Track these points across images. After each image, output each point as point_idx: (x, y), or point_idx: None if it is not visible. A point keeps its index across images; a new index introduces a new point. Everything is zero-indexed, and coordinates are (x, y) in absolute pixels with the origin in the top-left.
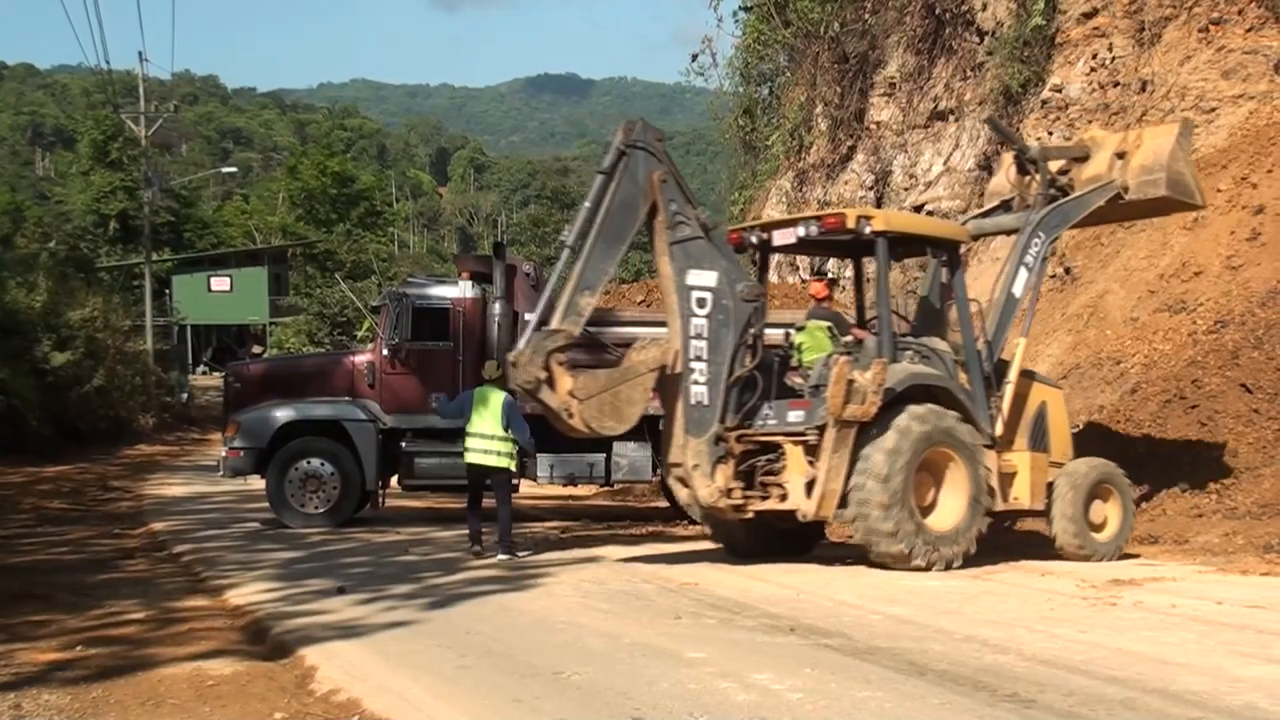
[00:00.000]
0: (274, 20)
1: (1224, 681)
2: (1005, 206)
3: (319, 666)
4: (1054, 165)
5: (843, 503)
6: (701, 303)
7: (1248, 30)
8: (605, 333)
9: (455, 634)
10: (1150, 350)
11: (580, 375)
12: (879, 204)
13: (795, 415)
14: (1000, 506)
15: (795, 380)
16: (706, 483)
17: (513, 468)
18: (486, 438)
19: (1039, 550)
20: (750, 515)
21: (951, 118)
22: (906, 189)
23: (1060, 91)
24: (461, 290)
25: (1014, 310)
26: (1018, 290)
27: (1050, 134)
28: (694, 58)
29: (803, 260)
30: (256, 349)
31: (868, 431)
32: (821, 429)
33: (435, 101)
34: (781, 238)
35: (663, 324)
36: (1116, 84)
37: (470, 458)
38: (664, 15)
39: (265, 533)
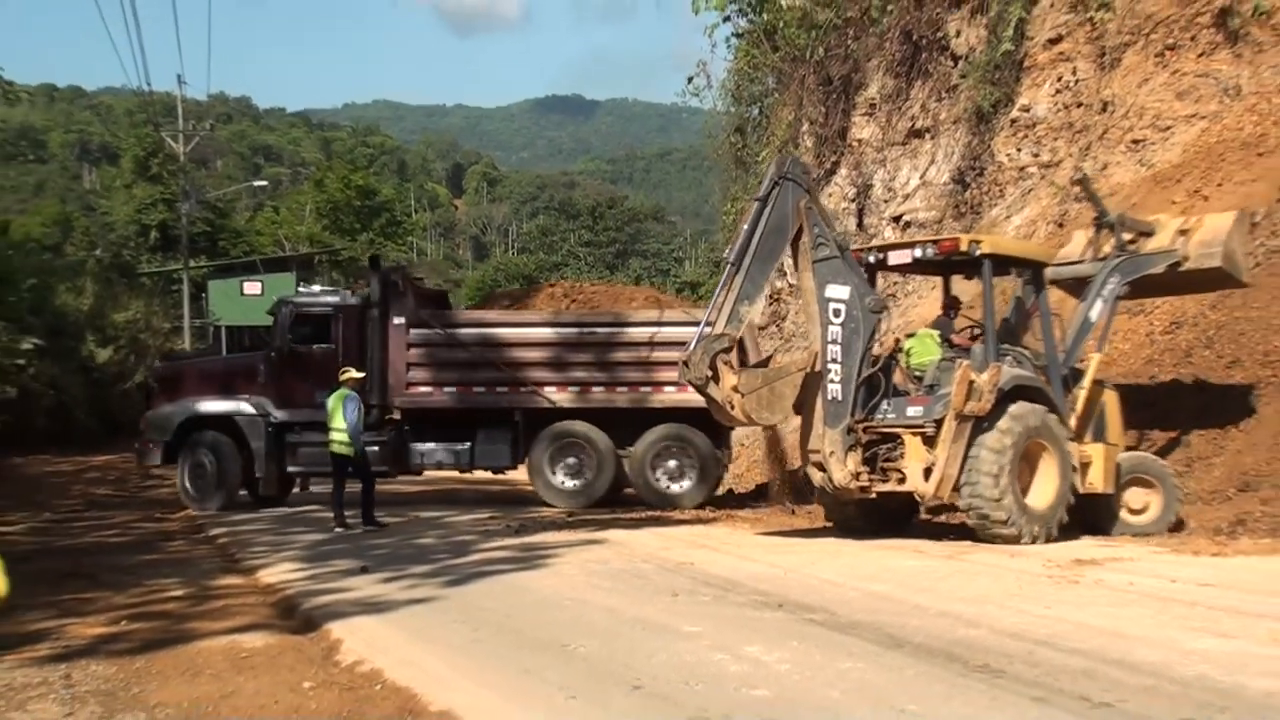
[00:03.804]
0: (302, 45)
1: (1177, 654)
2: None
3: (344, 640)
4: (1127, 235)
5: (955, 485)
6: (837, 313)
7: (1200, 55)
8: (500, 334)
9: (469, 610)
10: (1111, 349)
11: (743, 373)
12: (860, 216)
13: (914, 410)
14: (1081, 490)
15: (901, 379)
16: (841, 467)
17: (351, 455)
18: (337, 430)
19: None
20: (874, 495)
21: (928, 135)
22: (886, 201)
23: (1028, 111)
24: (342, 298)
25: (1089, 330)
26: (1094, 316)
27: (1019, 150)
28: (690, 80)
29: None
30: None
31: (980, 425)
32: (938, 422)
33: (451, 120)
34: (897, 258)
35: (556, 325)
36: (1080, 104)
37: (332, 448)
38: (663, 40)
39: (294, 517)
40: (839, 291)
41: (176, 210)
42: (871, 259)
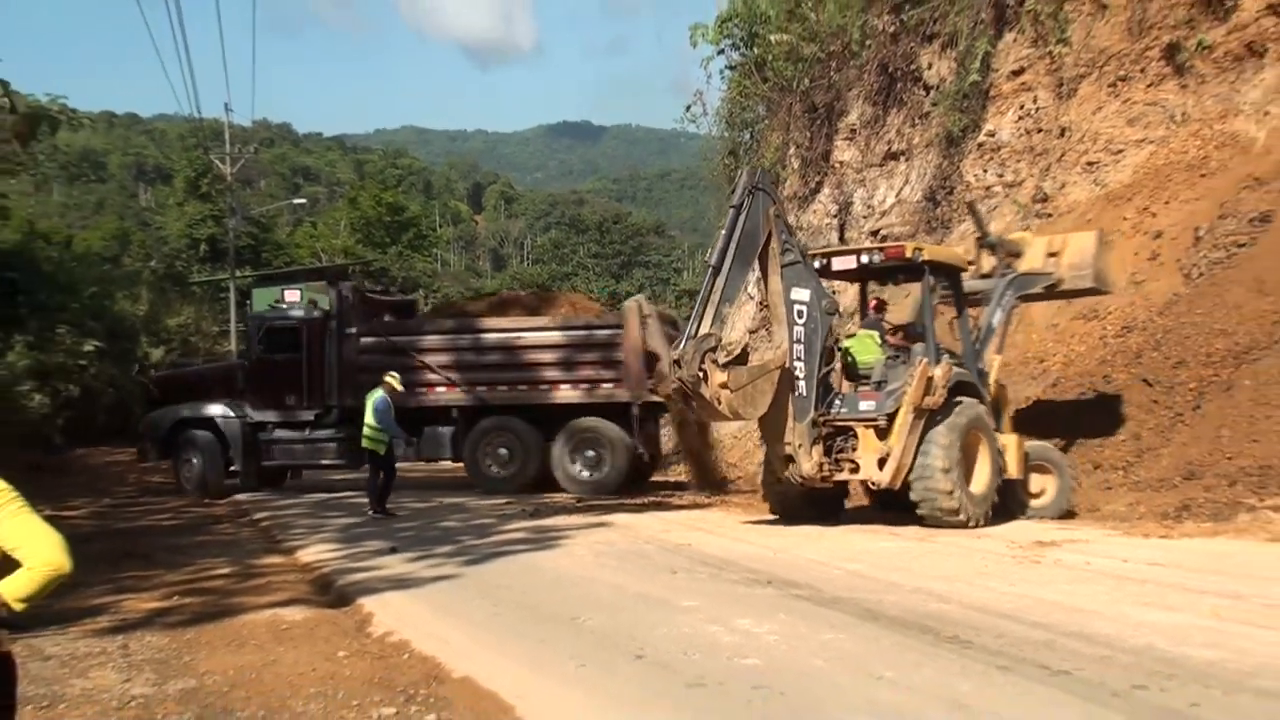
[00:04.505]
0: (338, 76)
1: (1128, 626)
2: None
3: (375, 614)
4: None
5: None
6: (800, 314)
7: (1149, 85)
8: (434, 341)
9: (489, 587)
10: (1068, 351)
11: (730, 371)
12: (841, 231)
13: (867, 405)
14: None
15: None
16: (808, 459)
17: (379, 450)
18: (367, 427)
19: None
20: (831, 484)
21: (902, 158)
22: (865, 217)
23: (994, 136)
24: (306, 312)
25: (992, 335)
26: (995, 323)
27: (985, 171)
28: (688, 108)
29: None
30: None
31: (931, 417)
32: (890, 415)
33: (472, 144)
34: (840, 264)
35: (481, 331)
36: (1040, 130)
37: (364, 443)
38: (663, 72)
39: (329, 502)
40: (801, 294)
41: (224, 225)
42: (816, 265)
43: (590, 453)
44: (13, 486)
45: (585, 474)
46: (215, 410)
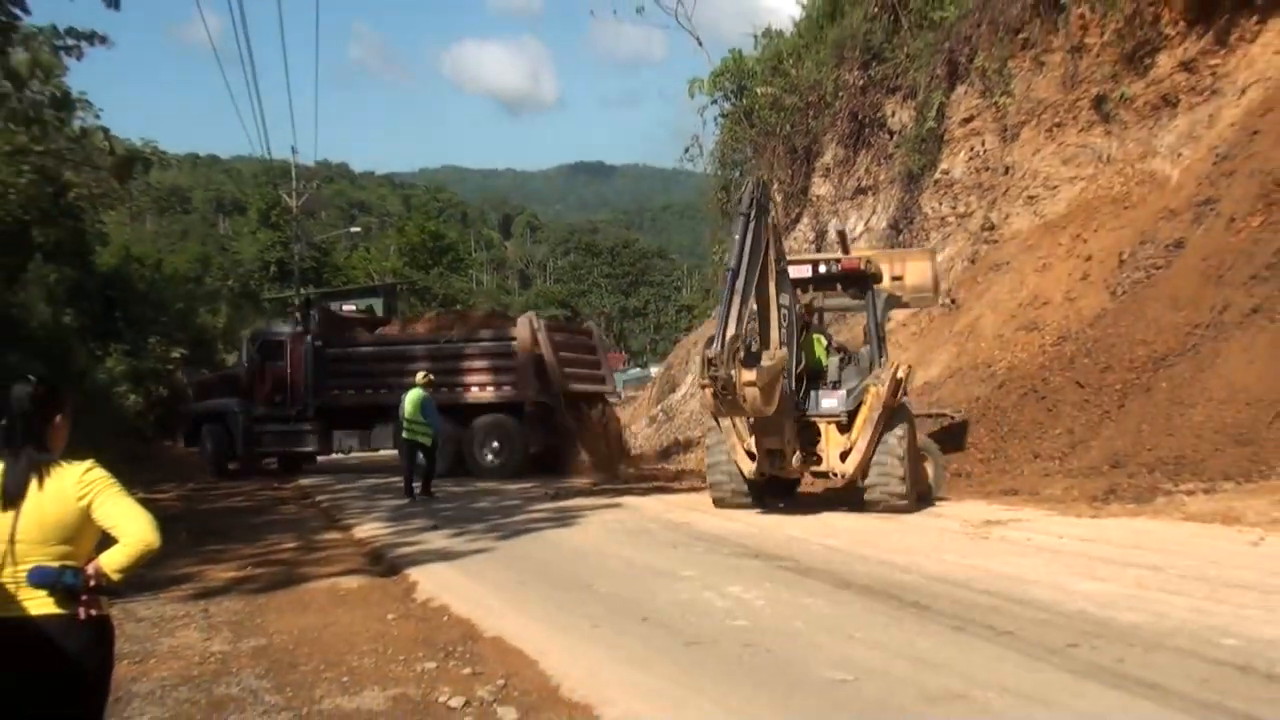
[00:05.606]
0: (388, 123)
1: (1064, 594)
2: None
3: (420, 582)
4: None
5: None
6: (784, 317)
7: (1080, 130)
8: (379, 351)
9: (516, 558)
10: (1012, 357)
11: (756, 371)
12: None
13: (830, 403)
14: None
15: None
16: (793, 453)
17: (426, 442)
18: (411, 422)
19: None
20: (799, 475)
21: (870, 192)
22: (838, 244)
23: (948, 174)
24: (291, 328)
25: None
26: (883, 333)
27: (940, 204)
28: (686, 150)
29: None
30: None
31: (887, 415)
32: (851, 412)
33: (502, 181)
34: (796, 272)
35: (412, 342)
36: (988, 168)
37: (405, 436)
38: (665, 119)
39: (379, 486)
40: (784, 299)
41: (290, 250)
42: None
43: (495, 444)
44: (111, 474)
45: (490, 459)
46: (225, 406)
